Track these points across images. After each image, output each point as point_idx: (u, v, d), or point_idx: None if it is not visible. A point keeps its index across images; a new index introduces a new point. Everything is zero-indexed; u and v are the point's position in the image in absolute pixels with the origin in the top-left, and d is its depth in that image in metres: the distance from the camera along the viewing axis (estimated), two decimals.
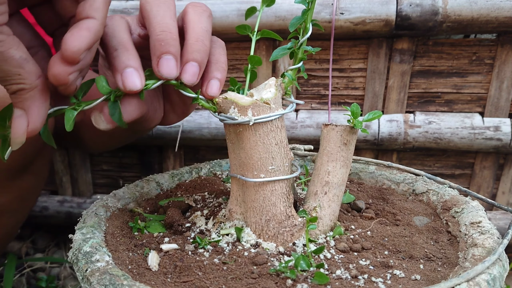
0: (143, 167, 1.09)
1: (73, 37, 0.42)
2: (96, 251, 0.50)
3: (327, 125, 0.56)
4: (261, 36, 0.59)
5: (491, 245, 0.50)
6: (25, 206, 0.87)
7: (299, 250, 0.53)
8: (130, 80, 0.48)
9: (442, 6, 0.85)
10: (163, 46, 0.48)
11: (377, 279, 0.47)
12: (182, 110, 0.63)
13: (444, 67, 0.92)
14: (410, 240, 0.55)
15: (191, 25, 0.52)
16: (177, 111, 0.63)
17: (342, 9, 0.87)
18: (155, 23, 0.49)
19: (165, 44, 0.48)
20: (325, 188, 0.56)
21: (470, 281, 0.43)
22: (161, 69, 0.48)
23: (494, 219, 0.98)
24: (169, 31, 0.49)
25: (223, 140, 0.94)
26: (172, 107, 0.63)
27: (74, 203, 1.12)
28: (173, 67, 0.49)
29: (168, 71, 0.48)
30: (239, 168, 0.55)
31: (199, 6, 0.54)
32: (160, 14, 0.50)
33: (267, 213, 0.54)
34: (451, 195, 0.64)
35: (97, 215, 0.59)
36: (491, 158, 0.96)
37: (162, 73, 0.49)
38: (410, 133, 0.94)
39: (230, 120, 0.52)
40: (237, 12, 0.89)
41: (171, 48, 0.48)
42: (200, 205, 0.65)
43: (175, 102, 0.62)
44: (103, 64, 0.58)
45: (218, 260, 0.51)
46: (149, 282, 0.47)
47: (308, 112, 0.97)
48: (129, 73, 0.48)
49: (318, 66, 0.96)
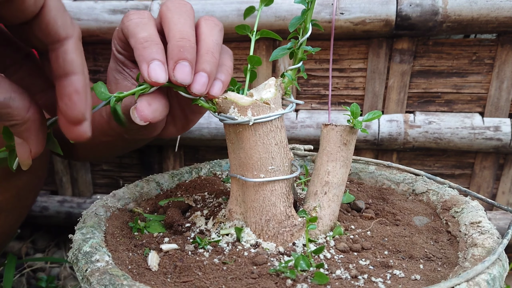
0: (143, 167, 1.09)
1: (68, 108, 0.42)
2: (96, 251, 0.50)
3: (327, 125, 0.56)
4: (260, 36, 0.59)
5: (491, 245, 0.50)
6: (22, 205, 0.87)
7: (299, 250, 0.53)
8: (157, 72, 0.49)
9: (442, 6, 0.85)
10: (181, 52, 0.50)
11: (377, 279, 0.47)
12: (182, 124, 0.64)
13: (444, 67, 0.92)
14: (410, 240, 0.55)
15: (203, 37, 0.53)
16: (177, 125, 0.64)
17: (342, 9, 0.87)
18: (175, 30, 0.51)
19: (184, 50, 0.50)
20: (325, 188, 0.56)
21: (470, 281, 0.43)
22: (176, 74, 0.50)
23: (494, 219, 0.98)
24: (188, 39, 0.51)
25: (223, 140, 0.94)
26: (173, 120, 0.63)
27: (74, 203, 1.12)
28: (188, 73, 0.50)
29: (184, 77, 0.50)
30: (239, 168, 0.55)
31: (211, 20, 0.56)
32: (181, 22, 0.52)
33: (267, 213, 0.54)
34: (451, 195, 0.64)
35: (97, 215, 0.59)
36: (491, 158, 0.96)
37: (177, 78, 0.50)
38: (410, 133, 0.94)
39: (230, 120, 0.52)
40: (237, 12, 0.89)
41: (188, 55, 0.50)
42: (200, 205, 0.65)
43: (176, 115, 0.63)
44: (114, 68, 0.58)
45: (218, 260, 0.51)
46: (149, 282, 0.47)
47: (308, 112, 0.97)
48: (156, 65, 0.49)
49: (318, 66, 0.96)
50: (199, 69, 0.51)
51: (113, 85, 0.59)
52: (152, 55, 0.50)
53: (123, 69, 0.58)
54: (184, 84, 0.50)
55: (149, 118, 0.51)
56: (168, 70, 0.50)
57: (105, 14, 0.93)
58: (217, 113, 0.54)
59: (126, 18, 0.54)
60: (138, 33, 0.52)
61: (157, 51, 0.50)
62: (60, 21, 0.42)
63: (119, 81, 0.58)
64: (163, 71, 0.49)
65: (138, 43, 0.51)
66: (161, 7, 0.54)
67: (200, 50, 0.52)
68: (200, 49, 0.52)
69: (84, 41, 0.96)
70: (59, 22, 0.41)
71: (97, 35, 0.95)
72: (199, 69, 0.51)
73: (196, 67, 0.51)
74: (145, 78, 0.50)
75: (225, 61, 0.56)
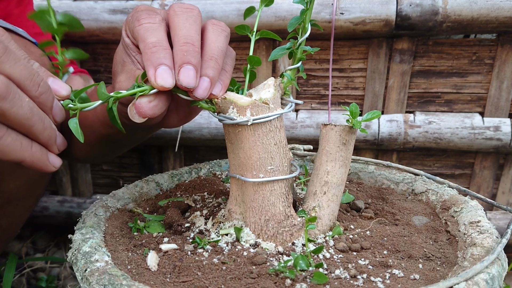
0: (143, 167, 1.10)
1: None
2: (95, 251, 0.50)
3: (326, 125, 0.56)
4: (260, 36, 0.59)
5: (490, 244, 0.50)
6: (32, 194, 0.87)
7: (298, 250, 0.53)
8: (164, 76, 0.50)
9: (442, 6, 0.85)
10: (185, 56, 0.50)
11: (376, 278, 0.47)
12: (185, 113, 0.64)
13: (444, 67, 0.92)
14: (409, 239, 0.55)
15: (208, 43, 0.54)
16: (180, 113, 0.64)
17: (342, 9, 0.87)
18: (180, 34, 0.52)
19: (188, 54, 0.50)
20: (324, 188, 0.56)
21: (469, 281, 0.43)
22: (181, 77, 0.50)
23: (494, 219, 0.98)
24: (193, 43, 0.51)
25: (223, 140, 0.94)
26: (176, 108, 0.63)
27: (74, 203, 1.12)
28: (192, 77, 0.50)
29: (188, 81, 0.50)
30: (238, 168, 0.55)
31: (219, 25, 0.56)
32: (187, 27, 0.52)
33: (266, 213, 0.54)
34: (450, 195, 0.64)
35: (97, 215, 0.59)
36: (491, 158, 0.96)
37: (182, 81, 0.50)
38: (410, 133, 0.94)
39: (229, 120, 0.52)
40: (237, 12, 0.89)
41: (193, 59, 0.50)
42: (199, 205, 0.65)
43: (180, 102, 0.62)
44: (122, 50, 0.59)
45: (217, 260, 0.51)
46: (148, 282, 0.48)
47: (308, 112, 0.97)
48: (163, 70, 0.50)
49: (318, 66, 0.96)
50: (202, 74, 0.52)
51: (119, 67, 0.59)
52: (159, 60, 0.50)
53: (130, 52, 0.58)
54: (189, 88, 0.51)
55: (148, 114, 0.51)
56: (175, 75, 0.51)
57: (105, 14, 0.93)
58: (216, 113, 0.54)
59: (137, 22, 0.54)
60: (147, 38, 0.52)
61: (164, 56, 0.51)
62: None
63: (126, 63, 0.58)
64: (170, 76, 0.50)
65: (147, 48, 0.52)
66: (169, 11, 0.55)
67: (204, 56, 0.53)
68: (204, 54, 0.53)
69: (84, 41, 0.97)
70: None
71: (97, 35, 0.95)
72: (202, 74, 0.52)
73: (200, 72, 0.52)
74: (152, 82, 0.50)
75: (227, 65, 0.56)
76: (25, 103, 0.46)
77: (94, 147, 0.84)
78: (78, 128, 0.51)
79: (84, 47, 1.00)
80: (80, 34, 0.95)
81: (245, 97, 0.53)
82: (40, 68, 0.51)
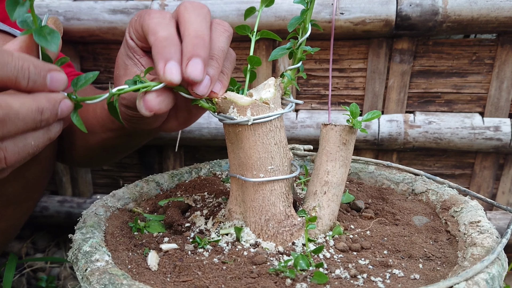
0: (143, 167, 1.10)
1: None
2: (95, 251, 0.50)
3: (326, 124, 0.56)
4: (260, 37, 0.59)
5: (490, 244, 0.50)
6: (30, 197, 0.87)
7: (298, 249, 0.53)
8: (173, 71, 0.50)
9: (442, 6, 0.85)
10: (195, 50, 0.50)
11: (376, 278, 0.47)
12: (184, 118, 0.64)
13: (444, 67, 0.92)
14: (409, 239, 0.56)
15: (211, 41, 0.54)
16: (179, 118, 0.64)
17: (342, 9, 0.87)
18: (191, 28, 0.52)
19: (198, 48, 0.50)
20: (325, 187, 0.56)
21: (469, 280, 0.43)
22: (189, 70, 0.50)
23: (494, 219, 0.98)
24: (203, 38, 0.51)
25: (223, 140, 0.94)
26: (175, 113, 0.63)
27: (74, 203, 1.12)
28: (200, 70, 0.50)
29: (195, 73, 0.50)
30: (239, 168, 0.55)
31: (222, 25, 0.56)
32: (198, 22, 0.53)
33: (267, 212, 0.54)
34: (450, 195, 0.64)
35: (97, 215, 0.59)
36: (491, 158, 0.96)
37: (190, 74, 0.50)
38: (410, 133, 0.94)
39: (229, 120, 0.53)
40: (237, 12, 0.89)
41: (202, 53, 0.50)
42: (199, 205, 0.65)
43: (180, 108, 0.62)
44: (125, 53, 0.59)
45: (218, 260, 0.51)
46: (148, 281, 0.48)
47: (308, 112, 0.97)
48: (173, 65, 0.50)
49: (318, 66, 0.96)
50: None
51: (122, 70, 0.59)
52: (170, 55, 0.50)
53: (133, 55, 0.58)
54: (196, 81, 0.50)
55: (155, 109, 0.51)
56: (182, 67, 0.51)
57: (105, 14, 0.93)
58: (217, 113, 0.54)
59: (147, 16, 0.54)
60: (158, 32, 0.52)
61: (175, 51, 0.51)
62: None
63: (128, 66, 0.58)
64: (179, 72, 0.50)
65: (158, 41, 0.52)
66: (179, 7, 0.55)
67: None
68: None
69: (84, 41, 0.97)
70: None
71: (97, 35, 0.95)
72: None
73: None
74: (160, 76, 0.50)
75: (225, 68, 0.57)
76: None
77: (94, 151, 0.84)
78: (80, 120, 0.50)
79: (84, 47, 1.00)
80: (80, 34, 0.95)
81: (246, 97, 0.53)
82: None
